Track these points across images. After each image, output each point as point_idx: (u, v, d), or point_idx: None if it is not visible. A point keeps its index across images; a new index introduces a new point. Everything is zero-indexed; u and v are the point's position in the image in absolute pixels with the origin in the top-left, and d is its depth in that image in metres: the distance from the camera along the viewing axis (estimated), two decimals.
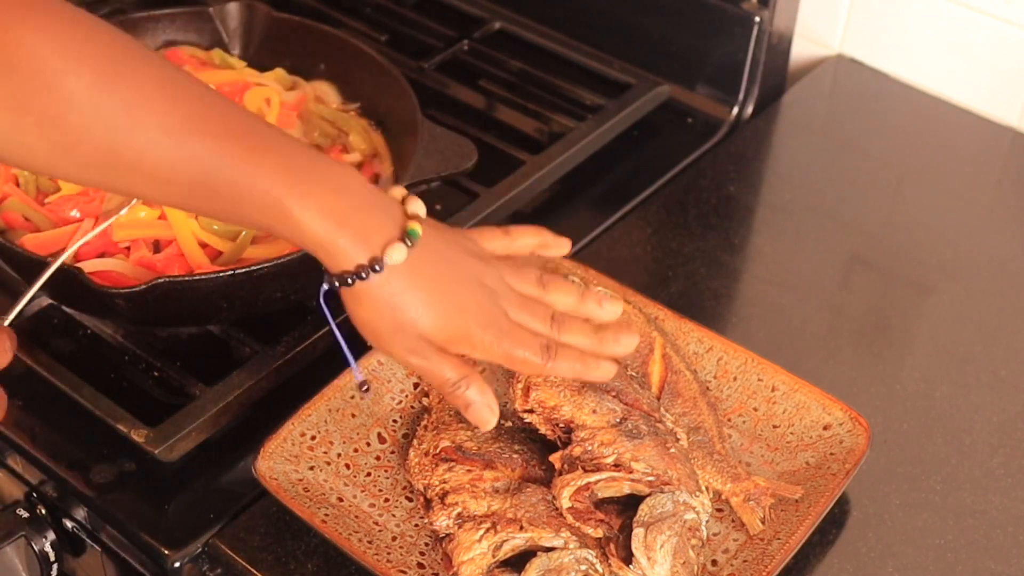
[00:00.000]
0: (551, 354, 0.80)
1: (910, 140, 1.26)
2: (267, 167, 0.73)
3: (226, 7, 1.16)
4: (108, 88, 0.71)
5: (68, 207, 0.99)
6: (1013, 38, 1.23)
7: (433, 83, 1.27)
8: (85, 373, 0.93)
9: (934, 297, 1.07)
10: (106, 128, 0.71)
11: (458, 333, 0.78)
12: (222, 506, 0.88)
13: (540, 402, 0.86)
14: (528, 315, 0.81)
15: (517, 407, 0.87)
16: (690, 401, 0.90)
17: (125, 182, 0.74)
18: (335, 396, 0.90)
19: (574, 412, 0.85)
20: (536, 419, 0.86)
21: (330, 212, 0.74)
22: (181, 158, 0.72)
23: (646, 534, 0.78)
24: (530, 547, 0.79)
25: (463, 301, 0.78)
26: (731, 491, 0.85)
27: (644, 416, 0.85)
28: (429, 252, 0.78)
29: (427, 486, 0.84)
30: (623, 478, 0.81)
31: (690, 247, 1.11)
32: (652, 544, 0.77)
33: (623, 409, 0.85)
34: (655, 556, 0.77)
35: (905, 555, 0.87)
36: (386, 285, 0.76)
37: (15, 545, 0.91)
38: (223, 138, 0.73)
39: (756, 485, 0.85)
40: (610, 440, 0.82)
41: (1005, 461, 0.93)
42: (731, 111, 1.27)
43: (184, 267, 0.95)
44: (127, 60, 0.73)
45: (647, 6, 1.29)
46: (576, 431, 0.84)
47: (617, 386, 0.87)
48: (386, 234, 0.76)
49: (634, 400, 0.86)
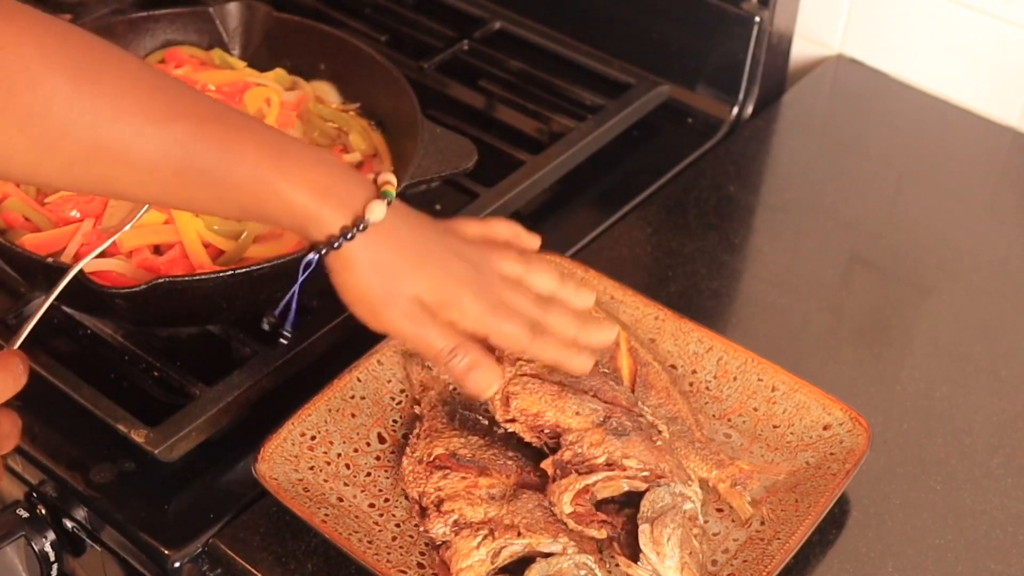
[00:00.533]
0: (537, 333, 0.82)
1: (910, 140, 1.26)
2: (250, 146, 0.75)
3: (226, 7, 1.16)
4: (89, 82, 0.72)
5: (68, 207, 0.99)
6: (1013, 38, 1.23)
7: (433, 83, 1.27)
8: (85, 373, 0.93)
9: (934, 297, 1.07)
10: (90, 121, 0.72)
11: (450, 297, 0.79)
12: (222, 506, 0.88)
13: (522, 410, 0.86)
14: (512, 294, 0.82)
15: (498, 418, 0.87)
16: (663, 392, 0.91)
17: (108, 177, 0.75)
18: (335, 396, 0.90)
19: (558, 416, 0.85)
20: (520, 427, 0.86)
21: (314, 185, 0.77)
22: (165, 143, 0.74)
23: (652, 529, 0.78)
24: (528, 553, 0.79)
25: (451, 268, 0.80)
26: (717, 478, 0.86)
27: (625, 412, 0.85)
28: (407, 220, 0.80)
29: (422, 494, 0.84)
30: (619, 476, 0.81)
31: (690, 247, 1.11)
32: (659, 538, 0.77)
33: (604, 408, 0.85)
34: (663, 550, 0.77)
35: (905, 555, 0.87)
36: (373, 247, 0.78)
37: (15, 545, 0.91)
38: (205, 121, 0.75)
39: (740, 470, 0.86)
40: (598, 440, 0.82)
41: (1005, 461, 0.93)
42: (731, 111, 1.27)
43: (186, 269, 0.95)
44: (104, 57, 0.74)
45: (647, 6, 1.29)
46: (563, 435, 0.84)
47: (594, 385, 0.87)
48: (365, 196, 0.78)
49: (612, 397, 0.86)
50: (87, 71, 0.73)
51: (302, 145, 0.79)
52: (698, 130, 1.26)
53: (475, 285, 0.80)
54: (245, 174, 0.75)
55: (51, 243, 0.96)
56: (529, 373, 0.87)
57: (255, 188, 0.76)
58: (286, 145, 0.77)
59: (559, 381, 0.87)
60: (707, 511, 0.86)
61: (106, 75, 0.73)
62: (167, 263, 0.95)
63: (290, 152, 0.77)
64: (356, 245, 0.77)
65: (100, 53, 0.74)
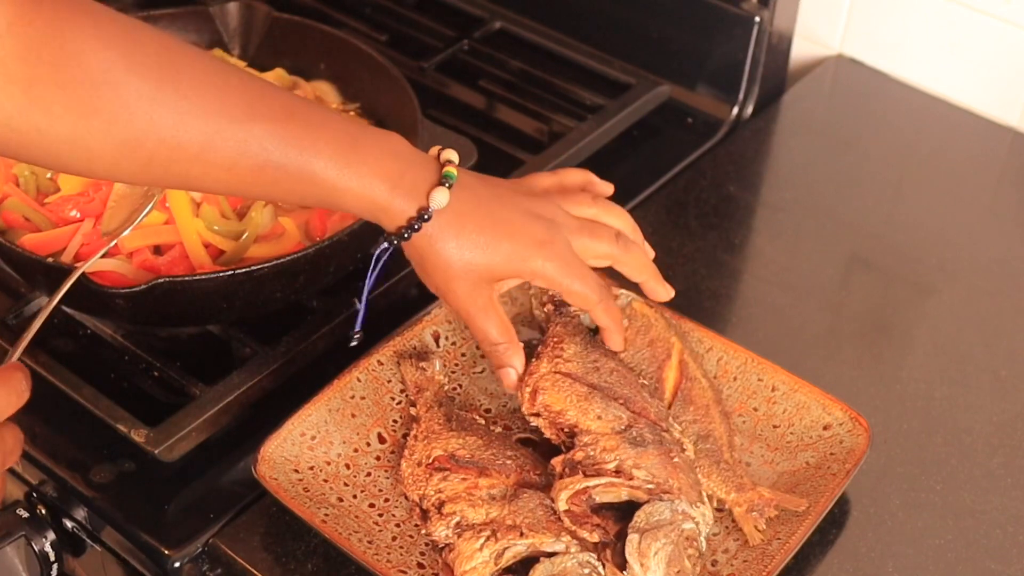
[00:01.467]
0: (605, 294, 0.87)
1: (910, 140, 1.26)
2: (323, 142, 0.78)
3: (226, 7, 1.16)
4: (171, 83, 0.74)
5: (68, 207, 0.99)
6: (1013, 38, 1.23)
7: (433, 83, 1.27)
8: (85, 373, 0.93)
9: (934, 297, 1.07)
10: (174, 122, 0.74)
11: (517, 264, 0.83)
12: (222, 506, 0.88)
13: (546, 406, 0.86)
14: (590, 236, 0.87)
15: (524, 410, 0.87)
16: (702, 409, 0.90)
17: (187, 174, 0.77)
18: (335, 396, 0.90)
19: (578, 417, 0.84)
20: (542, 423, 0.86)
21: (385, 177, 0.80)
22: (244, 141, 0.76)
23: (640, 540, 0.77)
24: (532, 553, 0.79)
25: (519, 232, 0.83)
26: (734, 501, 0.85)
27: (650, 425, 0.85)
28: (473, 194, 0.83)
29: (422, 496, 0.83)
30: (622, 484, 0.80)
31: (690, 247, 1.11)
32: (646, 551, 0.77)
33: (629, 416, 0.85)
34: (648, 563, 0.77)
35: (905, 555, 0.87)
36: (439, 232, 0.81)
37: (15, 545, 0.91)
38: (281, 120, 0.77)
39: (760, 496, 0.84)
40: (613, 446, 0.82)
41: (1005, 461, 0.93)
42: (731, 111, 1.27)
43: (186, 269, 0.95)
44: (181, 56, 0.76)
45: (647, 6, 1.29)
46: (579, 436, 0.84)
47: (626, 393, 0.87)
48: (428, 183, 0.81)
49: (642, 408, 0.86)
50: (167, 71, 0.74)
51: (373, 133, 0.82)
52: (698, 130, 1.26)
53: (548, 245, 0.84)
54: (320, 170, 0.78)
55: (51, 243, 0.96)
56: (563, 372, 0.87)
57: (330, 183, 0.79)
58: (358, 136, 0.80)
59: (591, 383, 0.87)
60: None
61: (185, 75, 0.75)
62: (167, 263, 0.95)
63: (363, 145, 0.80)
64: (425, 234, 0.81)
65: (177, 52, 0.76)
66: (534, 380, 0.87)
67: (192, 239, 0.96)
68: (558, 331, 0.91)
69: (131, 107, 0.73)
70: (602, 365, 0.88)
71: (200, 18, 1.16)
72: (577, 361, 0.88)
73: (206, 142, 0.75)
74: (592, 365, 0.88)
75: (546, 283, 0.85)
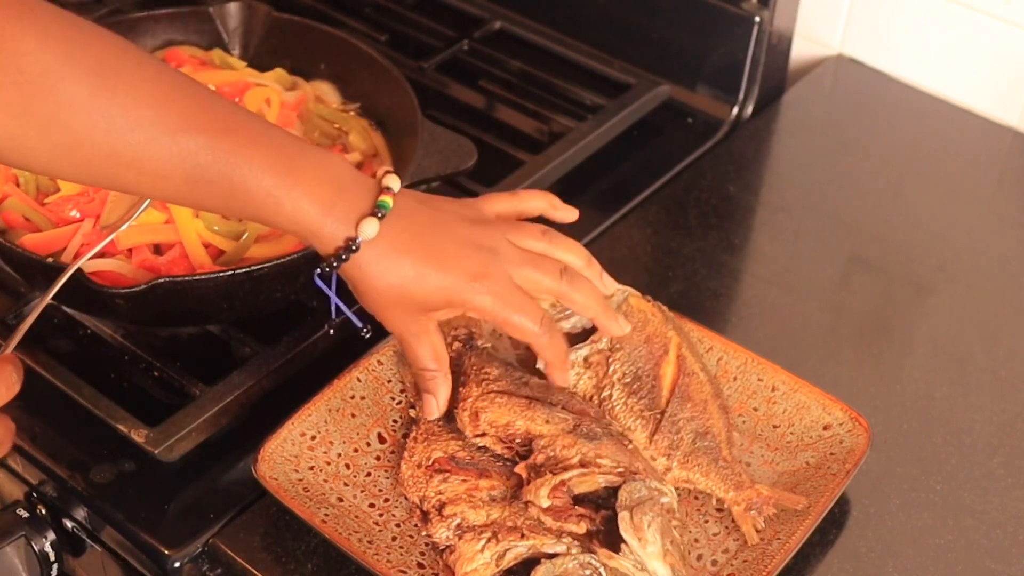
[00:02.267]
0: (548, 327, 0.84)
1: (910, 140, 1.26)
2: (257, 160, 0.76)
3: (226, 7, 1.16)
4: (108, 90, 0.73)
5: (68, 207, 0.99)
6: (1013, 38, 1.23)
7: (433, 83, 1.27)
8: (85, 373, 0.93)
9: (934, 297, 1.07)
10: (107, 129, 0.73)
11: (450, 295, 0.81)
12: (222, 506, 0.88)
13: (491, 423, 0.85)
14: (533, 269, 0.84)
15: (468, 433, 0.86)
16: (700, 405, 0.89)
17: (122, 179, 0.77)
18: (335, 396, 0.90)
19: (528, 424, 0.84)
20: (490, 441, 0.85)
21: (318, 199, 0.78)
22: (177, 154, 0.75)
23: (631, 516, 0.77)
24: (533, 555, 0.79)
25: (453, 263, 0.81)
26: (733, 499, 0.85)
27: (595, 420, 0.85)
28: (410, 222, 0.81)
29: (423, 498, 0.83)
30: (595, 472, 0.80)
31: (690, 247, 1.11)
32: (640, 524, 0.77)
33: (573, 417, 0.85)
34: (645, 536, 0.77)
35: (905, 555, 0.87)
36: (372, 260, 0.79)
37: (15, 545, 0.91)
38: (216, 133, 0.76)
39: (759, 494, 0.84)
40: (571, 443, 0.82)
41: (1005, 461, 0.93)
42: (731, 111, 1.27)
43: (186, 269, 0.95)
44: (124, 62, 0.75)
45: (647, 6, 1.29)
46: (535, 441, 0.83)
47: (562, 399, 0.86)
48: (360, 212, 0.79)
49: (580, 409, 0.86)
50: (107, 78, 0.73)
51: (312, 154, 0.79)
52: (698, 130, 1.26)
53: (482, 278, 0.81)
54: (253, 187, 0.77)
55: (51, 243, 0.96)
56: (497, 390, 0.87)
57: (262, 200, 0.77)
58: (296, 156, 0.78)
59: (528, 395, 0.86)
60: (707, 511, 0.86)
61: (124, 82, 0.74)
62: (167, 263, 0.95)
63: (298, 164, 0.78)
64: (355, 263, 0.79)
65: (121, 58, 0.75)
66: (470, 404, 0.86)
67: (192, 239, 0.96)
68: (474, 360, 0.90)
69: (66, 112, 0.72)
70: (529, 380, 0.88)
71: (200, 18, 1.16)
72: (505, 380, 0.88)
73: (139, 151, 0.74)
74: (520, 381, 0.88)
75: (481, 315, 0.83)
